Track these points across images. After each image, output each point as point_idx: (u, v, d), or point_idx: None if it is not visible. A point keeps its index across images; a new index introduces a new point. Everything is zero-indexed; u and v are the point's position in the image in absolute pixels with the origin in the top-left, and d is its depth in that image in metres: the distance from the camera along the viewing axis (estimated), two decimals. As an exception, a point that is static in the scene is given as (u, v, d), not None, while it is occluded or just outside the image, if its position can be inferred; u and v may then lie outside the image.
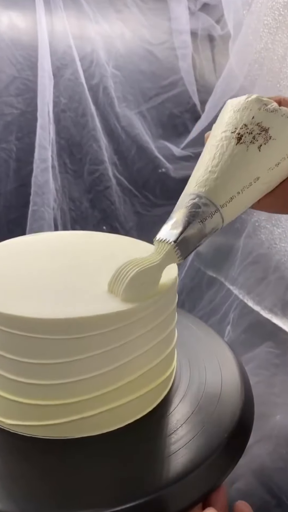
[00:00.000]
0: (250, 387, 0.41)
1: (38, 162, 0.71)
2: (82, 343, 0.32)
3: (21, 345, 0.32)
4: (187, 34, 0.83)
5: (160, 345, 0.36)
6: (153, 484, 0.30)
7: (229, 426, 0.35)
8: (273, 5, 0.71)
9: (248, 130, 0.34)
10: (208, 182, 0.33)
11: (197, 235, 0.32)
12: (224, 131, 0.35)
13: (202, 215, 0.32)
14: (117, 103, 0.80)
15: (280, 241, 0.72)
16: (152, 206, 0.86)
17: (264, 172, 0.34)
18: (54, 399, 0.33)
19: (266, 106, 0.34)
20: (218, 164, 0.33)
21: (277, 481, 0.54)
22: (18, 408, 0.34)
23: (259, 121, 0.34)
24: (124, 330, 0.32)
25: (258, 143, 0.33)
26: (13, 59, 0.72)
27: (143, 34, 0.82)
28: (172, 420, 0.36)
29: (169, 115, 0.86)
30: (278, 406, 0.60)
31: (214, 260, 0.84)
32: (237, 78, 0.77)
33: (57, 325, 0.31)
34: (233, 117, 0.35)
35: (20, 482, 0.31)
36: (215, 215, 0.33)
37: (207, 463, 0.32)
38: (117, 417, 0.35)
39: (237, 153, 0.33)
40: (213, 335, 0.48)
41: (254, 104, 0.34)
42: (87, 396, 0.33)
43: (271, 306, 0.71)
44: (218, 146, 0.34)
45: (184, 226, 0.32)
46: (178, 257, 0.32)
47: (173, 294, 0.37)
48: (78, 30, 0.76)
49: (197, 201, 0.33)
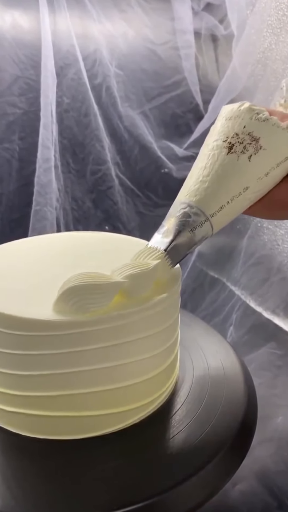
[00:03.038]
0: (254, 389, 0.41)
1: (41, 162, 0.71)
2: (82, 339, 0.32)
3: (20, 341, 0.32)
4: (191, 34, 0.83)
5: (165, 349, 0.36)
6: (156, 487, 0.30)
7: (232, 429, 0.35)
8: (277, 5, 0.70)
9: (239, 140, 0.34)
10: (199, 192, 0.34)
11: (187, 243, 0.34)
12: (215, 140, 0.35)
13: (193, 224, 0.33)
14: (120, 103, 0.80)
15: (282, 242, 0.71)
16: (155, 206, 0.85)
17: (253, 181, 0.34)
18: (54, 390, 0.33)
19: (258, 115, 0.34)
20: (209, 174, 0.34)
21: (279, 483, 0.54)
22: (18, 399, 0.33)
23: (250, 131, 0.34)
24: (125, 330, 0.32)
25: (249, 153, 0.34)
26: (16, 59, 0.72)
27: (146, 34, 0.82)
28: (174, 422, 0.35)
29: (172, 115, 0.86)
30: (280, 408, 0.60)
31: (217, 261, 0.84)
32: (240, 78, 0.76)
33: (57, 326, 0.31)
34: (225, 125, 0.35)
35: (22, 482, 0.31)
36: (205, 224, 0.34)
37: (210, 465, 0.32)
38: (119, 418, 0.35)
39: (228, 163, 0.34)
40: (216, 336, 0.48)
41: (246, 113, 0.35)
42: (87, 390, 0.33)
43: (273, 307, 0.71)
44: (210, 155, 0.35)
45: (174, 234, 0.33)
46: (169, 264, 0.34)
47: (176, 301, 0.37)
48: (81, 29, 0.76)
49: (187, 211, 0.34)
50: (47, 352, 0.32)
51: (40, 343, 0.31)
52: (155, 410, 0.37)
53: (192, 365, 0.42)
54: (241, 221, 0.79)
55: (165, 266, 0.34)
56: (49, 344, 0.31)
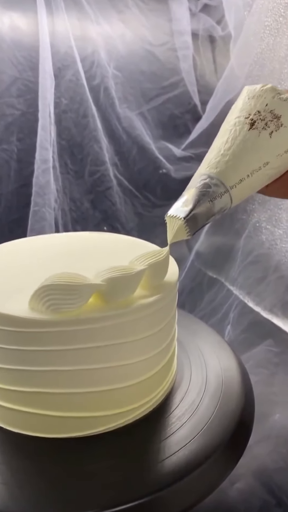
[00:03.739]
0: (251, 387, 0.41)
1: (39, 162, 0.71)
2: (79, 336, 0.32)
3: (19, 338, 0.32)
4: (188, 35, 0.83)
5: (162, 348, 0.36)
6: (153, 485, 0.30)
7: (230, 427, 0.35)
8: (274, 6, 0.71)
9: (261, 117, 0.35)
10: (219, 164, 0.35)
11: (206, 213, 0.34)
12: (238, 116, 0.36)
13: (212, 194, 0.34)
14: (118, 104, 0.80)
15: (281, 241, 0.72)
16: (153, 206, 0.86)
17: (273, 157, 0.35)
18: (51, 387, 0.33)
19: (280, 95, 0.36)
20: (230, 148, 0.35)
21: (277, 481, 0.54)
22: (16, 395, 0.34)
23: (272, 109, 0.35)
24: (122, 330, 0.33)
25: (270, 129, 0.35)
26: (14, 60, 0.72)
27: (144, 35, 0.82)
28: (172, 420, 0.36)
29: (170, 116, 0.86)
30: (277, 405, 0.60)
31: (215, 260, 0.84)
32: (238, 79, 0.77)
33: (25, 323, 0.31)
34: (248, 103, 0.37)
35: (21, 481, 0.31)
36: (224, 196, 0.34)
37: (207, 463, 0.32)
38: (115, 418, 0.35)
39: (249, 138, 0.35)
40: (214, 335, 0.48)
41: (269, 92, 0.36)
42: (85, 390, 0.33)
43: (271, 306, 0.71)
44: (231, 130, 0.36)
45: (194, 204, 0.34)
46: (187, 232, 0.34)
47: (172, 299, 0.38)
48: (79, 31, 0.76)
49: (208, 181, 0.34)
50: (23, 348, 0.32)
51: (15, 338, 0.32)
52: (152, 409, 0.37)
53: (189, 363, 0.42)
54: (239, 221, 0.79)
55: (184, 234, 0.34)
56: (23, 340, 0.32)
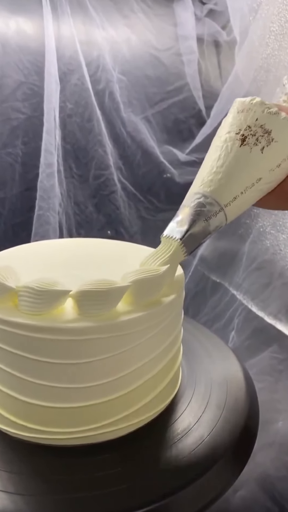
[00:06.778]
0: (256, 395, 0.41)
1: (44, 166, 0.72)
2: (84, 348, 0.32)
3: (22, 344, 0.32)
4: (193, 40, 0.84)
5: (164, 353, 0.36)
6: (157, 493, 0.30)
7: (234, 435, 0.35)
8: (280, 11, 0.71)
9: (252, 132, 0.35)
10: (213, 183, 0.35)
11: (201, 232, 0.34)
12: (228, 131, 0.36)
13: (207, 213, 0.34)
14: (123, 108, 0.80)
15: (285, 247, 0.72)
16: (157, 211, 0.86)
17: (266, 173, 0.35)
18: (54, 402, 0.33)
19: (269, 109, 0.35)
20: (223, 165, 0.35)
21: (280, 489, 0.54)
22: (21, 407, 0.33)
23: (263, 123, 0.35)
24: (127, 338, 0.32)
25: (261, 145, 0.35)
26: (20, 64, 0.72)
27: (149, 40, 0.83)
28: (176, 428, 0.36)
29: (174, 121, 0.86)
30: (280, 412, 0.60)
31: (219, 265, 0.84)
32: (243, 84, 0.77)
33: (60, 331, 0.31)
34: (237, 118, 0.36)
35: (23, 489, 0.31)
36: (219, 214, 0.34)
37: (212, 471, 0.32)
38: (121, 426, 0.35)
39: (241, 154, 0.35)
40: (218, 341, 0.48)
41: (258, 106, 0.36)
42: (89, 403, 0.33)
43: (275, 312, 0.71)
44: (223, 147, 0.36)
45: (189, 224, 0.34)
46: (184, 253, 0.34)
47: (179, 304, 0.37)
48: (84, 35, 0.76)
49: (202, 201, 0.34)
50: (47, 360, 0.31)
51: (43, 349, 0.31)
52: (155, 417, 0.37)
53: (193, 371, 0.42)
54: (243, 226, 0.79)
55: (180, 255, 0.34)
56: (50, 354, 0.31)
